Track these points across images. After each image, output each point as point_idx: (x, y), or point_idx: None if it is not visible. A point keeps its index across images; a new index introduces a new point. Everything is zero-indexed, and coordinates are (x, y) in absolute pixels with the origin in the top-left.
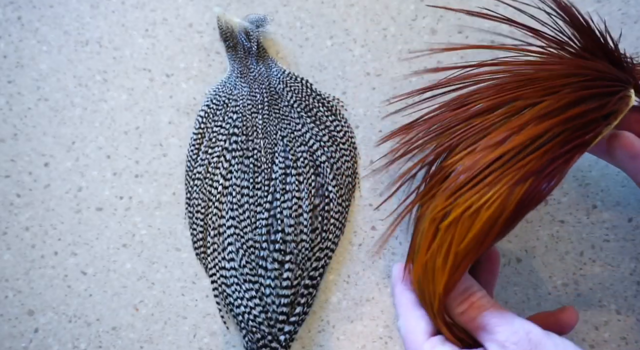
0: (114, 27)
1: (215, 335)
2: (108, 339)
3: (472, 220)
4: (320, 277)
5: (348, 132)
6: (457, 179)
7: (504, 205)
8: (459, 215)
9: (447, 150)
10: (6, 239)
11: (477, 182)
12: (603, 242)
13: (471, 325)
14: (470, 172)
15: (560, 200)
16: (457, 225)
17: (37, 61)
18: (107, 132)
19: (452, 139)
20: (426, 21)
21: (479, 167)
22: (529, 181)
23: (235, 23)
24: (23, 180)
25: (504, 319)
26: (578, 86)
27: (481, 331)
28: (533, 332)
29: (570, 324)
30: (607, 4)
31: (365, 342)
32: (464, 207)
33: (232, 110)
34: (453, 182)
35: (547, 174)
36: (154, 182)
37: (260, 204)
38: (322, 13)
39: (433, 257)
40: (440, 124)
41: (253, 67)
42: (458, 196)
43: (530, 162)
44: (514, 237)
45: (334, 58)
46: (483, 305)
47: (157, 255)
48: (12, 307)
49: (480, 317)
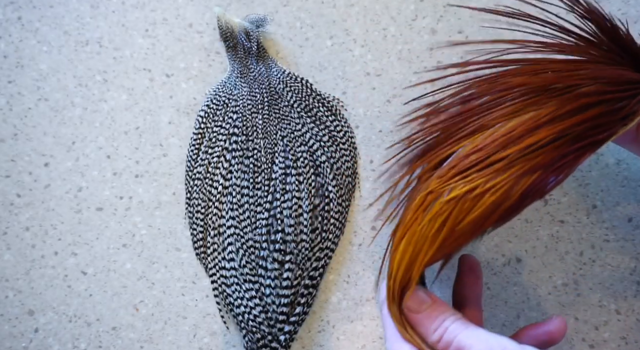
0: (114, 27)
1: (215, 335)
2: (108, 339)
3: (474, 202)
4: (320, 277)
5: (348, 132)
6: (466, 158)
7: (508, 193)
8: (461, 194)
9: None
10: (6, 239)
11: (486, 165)
12: (603, 242)
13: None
14: (481, 154)
15: (560, 200)
16: (457, 204)
17: (38, 61)
18: (107, 132)
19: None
20: (426, 21)
21: (490, 151)
22: (537, 173)
23: (235, 23)
24: (23, 180)
25: (479, 339)
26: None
27: None
28: (509, 348)
29: (559, 334)
30: (607, 4)
31: (365, 342)
32: (469, 188)
33: (232, 110)
34: (462, 160)
35: (555, 169)
36: (154, 182)
37: (260, 204)
38: (322, 13)
39: (425, 227)
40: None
41: (253, 67)
42: (465, 175)
43: (541, 155)
44: (514, 237)
45: (334, 58)
46: (457, 328)
47: (157, 255)
48: (13, 307)
49: (456, 340)
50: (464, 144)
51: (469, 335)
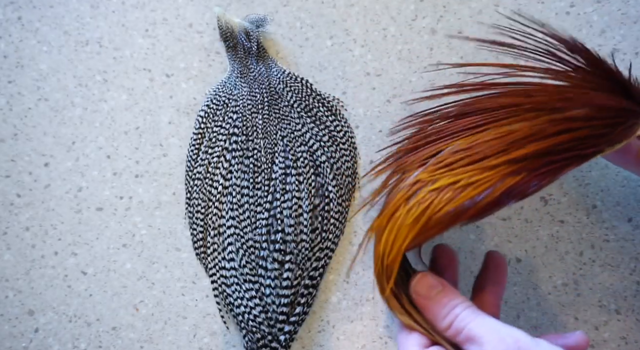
0: (114, 27)
1: (215, 335)
2: (108, 339)
3: (455, 194)
4: (320, 277)
5: (348, 132)
6: (455, 154)
7: (490, 190)
8: (445, 185)
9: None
10: (6, 239)
11: (473, 162)
12: (603, 242)
13: (459, 339)
14: (470, 152)
15: (560, 200)
16: (439, 193)
17: (38, 61)
18: (107, 132)
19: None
20: (426, 21)
21: (479, 150)
22: (521, 175)
23: (235, 23)
24: (23, 180)
25: (491, 329)
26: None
27: (469, 343)
28: (522, 340)
29: (500, 266)
30: (607, 4)
31: (365, 342)
32: (454, 180)
33: (232, 110)
34: (451, 155)
35: (539, 174)
36: (154, 182)
37: (260, 204)
38: (322, 13)
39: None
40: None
41: (253, 67)
42: (452, 169)
43: (527, 160)
44: (514, 237)
45: (334, 58)
46: (468, 316)
47: (157, 255)
48: (13, 307)
49: (467, 329)
50: (456, 143)
51: (480, 324)
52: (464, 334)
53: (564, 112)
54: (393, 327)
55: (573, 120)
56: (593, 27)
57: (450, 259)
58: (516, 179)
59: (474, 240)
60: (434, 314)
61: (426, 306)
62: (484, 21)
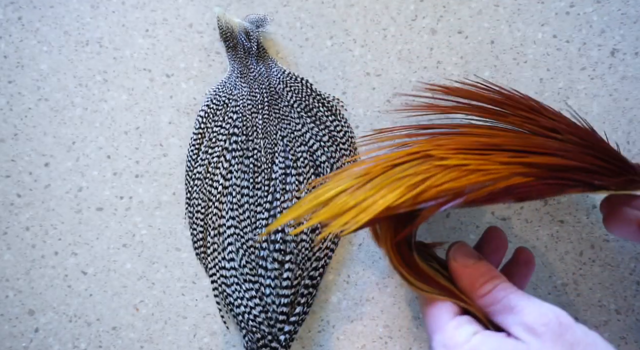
0: (114, 27)
1: (215, 335)
2: (108, 339)
3: (461, 174)
4: (320, 277)
5: (348, 132)
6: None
7: (495, 181)
8: (454, 165)
9: None
10: (6, 239)
11: (488, 152)
12: (603, 242)
13: (495, 308)
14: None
15: (560, 200)
16: (445, 169)
17: (38, 61)
18: (107, 132)
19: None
20: (426, 21)
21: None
22: (529, 179)
23: (235, 23)
24: (23, 180)
25: (532, 302)
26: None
27: (506, 314)
28: (563, 316)
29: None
30: (607, 4)
31: (365, 342)
32: (463, 162)
33: (232, 110)
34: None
35: (545, 184)
36: (154, 182)
37: (260, 204)
38: (322, 13)
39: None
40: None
41: (253, 67)
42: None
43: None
44: (514, 237)
45: (334, 58)
46: (509, 287)
47: (157, 255)
48: (13, 306)
49: (506, 298)
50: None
51: (521, 296)
52: (502, 303)
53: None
54: (393, 326)
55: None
56: (593, 27)
57: (501, 245)
58: (523, 180)
59: (474, 241)
60: (471, 281)
61: (463, 273)
62: (484, 22)
